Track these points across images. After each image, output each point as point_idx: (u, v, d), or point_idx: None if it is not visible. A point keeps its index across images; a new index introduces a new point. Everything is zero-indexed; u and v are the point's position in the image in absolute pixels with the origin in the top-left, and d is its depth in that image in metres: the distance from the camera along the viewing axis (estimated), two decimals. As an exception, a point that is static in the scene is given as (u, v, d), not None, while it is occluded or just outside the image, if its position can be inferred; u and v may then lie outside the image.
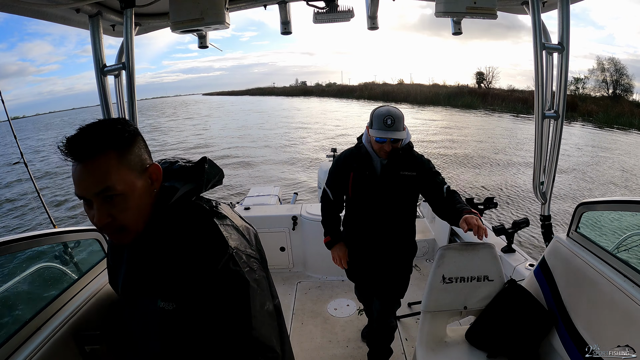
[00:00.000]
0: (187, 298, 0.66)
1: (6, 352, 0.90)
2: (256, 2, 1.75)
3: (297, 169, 11.40)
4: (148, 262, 0.71)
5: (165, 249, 0.69)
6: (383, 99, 42.55)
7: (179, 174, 0.77)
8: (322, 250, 2.87)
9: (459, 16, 1.59)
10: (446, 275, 1.40)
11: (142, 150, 0.69)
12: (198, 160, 0.79)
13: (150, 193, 0.69)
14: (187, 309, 0.66)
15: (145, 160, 0.69)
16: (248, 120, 30.12)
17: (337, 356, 2.01)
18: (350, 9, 1.76)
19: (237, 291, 0.67)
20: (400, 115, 1.47)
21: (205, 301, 0.66)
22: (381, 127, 1.44)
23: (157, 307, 0.67)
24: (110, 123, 0.64)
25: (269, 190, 3.91)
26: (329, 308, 2.42)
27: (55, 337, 0.99)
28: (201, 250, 0.68)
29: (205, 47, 1.76)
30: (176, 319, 0.67)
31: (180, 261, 0.68)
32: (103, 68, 1.53)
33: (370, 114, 1.51)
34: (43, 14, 1.40)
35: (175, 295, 0.67)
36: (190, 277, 0.66)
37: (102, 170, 0.61)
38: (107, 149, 0.62)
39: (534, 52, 1.55)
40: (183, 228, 0.70)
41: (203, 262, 0.67)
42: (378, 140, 1.47)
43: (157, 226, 0.70)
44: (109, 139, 0.62)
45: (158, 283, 0.69)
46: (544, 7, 1.66)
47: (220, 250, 0.68)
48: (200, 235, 0.70)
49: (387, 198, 1.55)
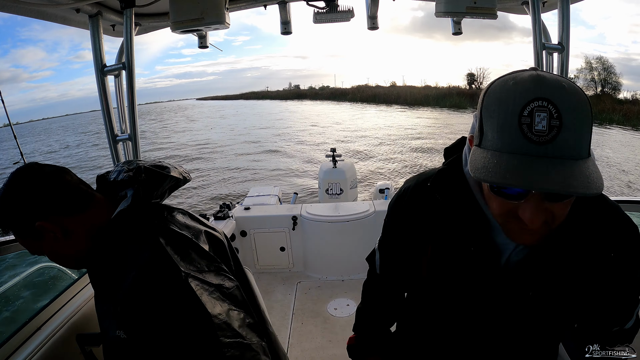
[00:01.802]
0: (138, 328, 0.60)
1: (6, 352, 0.90)
2: (256, 2, 1.74)
3: (297, 169, 11.40)
4: (97, 287, 0.70)
5: (107, 275, 0.66)
6: (374, 101, 43.73)
7: (132, 182, 0.72)
8: (322, 250, 2.89)
9: (459, 16, 1.59)
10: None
11: (28, 214, 0.65)
12: (134, 171, 0.72)
13: (59, 239, 0.67)
14: (138, 339, 0.60)
15: (33, 224, 0.65)
16: (248, 121, 30.35)
17: (337, 356, 2.01)
18: (350, 9, 1.76)
19: (195, 323, 0.60)
20: (581, 104, 0.46)
21: (160, 332, 0.59)
22: (517, 144, 0.45)
23: (115, 334, 0.61)
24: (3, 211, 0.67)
25: (269, 190, 3.91)
26: (329, 308, 2.42)
27: (55, 337, 0.99)
28: (148, 277, 0.61)
29: (206, 47, 1.76)
30: (127, 348, 0.60)
31: (125, 288, 0.61)
32: (103, 68, 1.53)
33: (484, 95, 0.51)
34: (43, 14, 1.40)
35: (124, 324, 0.60)
36: (138, 307, 0.60)
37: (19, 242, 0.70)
38: (8, 230, 0.68)
39: (534, 52, 1.56)
40: (123, 251, 0.65)
41: (151, 290, 0.61)
42: (508, 194, 0.51)
43: (99, 250, 0.68)
44: (2, 225, 0.68)
45: (112, 304, 0.63)
46: (544, 7, 1.66)
47: (171, 278, 0.62)
48: (146, 261, 0.63)
49: (519, 317, 0.65)
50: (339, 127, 22.47)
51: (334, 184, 3.93)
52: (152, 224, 0.69)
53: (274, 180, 10.04)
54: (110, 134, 1.58)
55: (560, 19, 1.57)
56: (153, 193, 0.72)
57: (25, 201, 0.66)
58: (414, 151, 13.91)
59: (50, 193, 0.67)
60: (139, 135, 1.61)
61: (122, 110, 1.65)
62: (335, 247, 2.73)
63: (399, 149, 14.37)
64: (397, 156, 13.05)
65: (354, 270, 2.73)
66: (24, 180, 0.67)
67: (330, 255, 2.75)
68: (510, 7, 1.75)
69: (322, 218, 2.69)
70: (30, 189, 0.66)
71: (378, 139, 16.79)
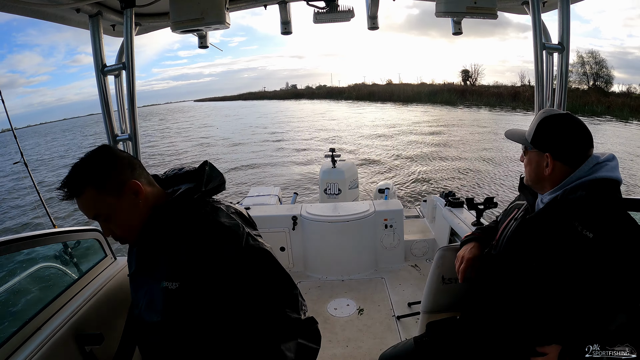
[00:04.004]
0: (197, 277, 0.77)
1: (6, 352, 0.90)
2: (256, 2, 1.74)
3: (297, 169, 11.40)
4: (153, 250, 0.83)
5: (170, 238, 0.80)
6: (369, 99, 44.86)
7: (185, 177, 0.90)
8: (322, 250, 2.88)
9: (459, 16, 1.59)
10: (446, 276, 1.39)
11: (120, 172, 0.79)
12: (201, 164, 0.89)
13: (136, 204, 0.79)
14: (194, 287, 0.77)
15: (124, 180, 0.79)
16: (247, 122, 30.45)
17: (337, 356, 2.01)
18: (350, 8, 1.76)
19: (265, 260, 0.81)
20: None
21: (231, 277, 0.77)
22: None
23: (161, 286, 0.78)
24: (87, 164, 0.77)
25: (269, 190, 3.91)
26: (329, 308, 2.42)
27: (55, 337, 0.99)
28: (219, 234, 0.79)
29: (206, 47, 1.76)
30: (179, 296, 0.77)
31: (190, 246, 0.78)
32: (103, 68, 1.53)
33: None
34: (43, 14, 1.40)
35: (180, 276, 0.78)
36: (204, 259, 0.77)
37: (88, 202, 0.77)
38: (86, 187, 0.75)
39: (534, 52, 1.55)
40: (187, 218, 0.81)
41: (223, 244, 0.78)
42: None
43: (157, 222, 0.81)
44: (86, 179, 0.76)
45: (163, 266, 0.80)
46: (544, 7, 1.66)
47: (238, 233, 0.80)
48: (213, 223, 0.80)
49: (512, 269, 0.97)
50: (338, 126, 22.47)
51: (333, 184, 3.93)
52: (208, 202, 0.85)
53: (274, 180, 10.05)
54: (110, 134, 1.58)
55: (560, 19, 1.57)
56: (211, 182, 0.86)
57: (124, 160, 0.80)
58: (406, 145, 13.98)
59: (138, 161, 0.85)
60: (139, 135, 1.61)
61: (122, 111, 1.65)
62: (335, 247, 2.73)
63: (395, 144, 14.46)
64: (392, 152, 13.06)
65: (354, 270, 2.73)
66: (117, 149, 0.85)
67: (330, 255, 2.75)
68: (510, 7, 1.75)
69: (322, 218, 2.69)
70: (125, 153, 0.84)
71: (375, 136, 16.82)
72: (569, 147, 0.90)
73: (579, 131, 0.90)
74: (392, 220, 2.75)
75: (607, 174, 0.86)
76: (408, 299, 2.37)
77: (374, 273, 2.75)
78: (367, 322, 2.22)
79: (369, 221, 2.71)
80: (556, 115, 0.93)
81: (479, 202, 2.19)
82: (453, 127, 19.74)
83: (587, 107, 23.90)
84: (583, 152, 0.89)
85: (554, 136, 0.91)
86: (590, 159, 0.89)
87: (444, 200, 2.75)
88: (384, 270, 2.76)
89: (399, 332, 2.15)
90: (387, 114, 29.71)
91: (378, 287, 2.57)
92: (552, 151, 0.90)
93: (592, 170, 0.88)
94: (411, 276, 2.68)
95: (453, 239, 2.69)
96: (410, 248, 2.89)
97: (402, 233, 2.80)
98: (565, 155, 0.90)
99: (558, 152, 0.90)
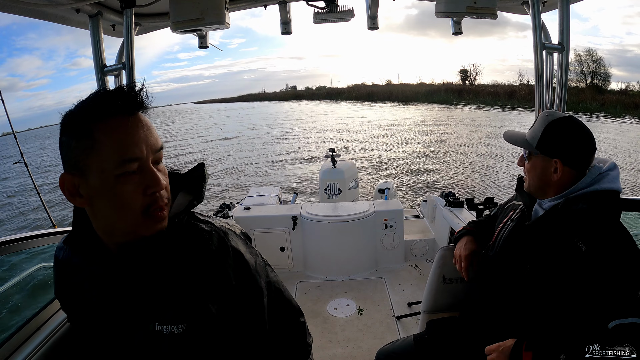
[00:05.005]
0: (202, 316, 0.61)
1: (6, 352, 0.90)
2: (256, 2, 1.75)
3: (297, 169, 11.40)
4: (150, 283, 0.61)
5: (171, 268, 0.61)
6: (368, 99, 45.28)
7: (176, 180, 0.65)
8: (322, 250, 2.88)
9: (459, 16, 1.59)
10: (446, 276, 1.39)
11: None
12: (196, 166, 0.69)
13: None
14: (200, 328, 0.61)
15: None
16: (247, 122, 30.52)
17: (337, 356, 2.01)
18: (350, 8, 1.76)
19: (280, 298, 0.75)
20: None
21: (229, 311, 0.63)
22: None
23: (162, 332, 0.60)
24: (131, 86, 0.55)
25: (269, 190, 3.90)
26: (328, 308, 2.42)
27: (55, 337, 0.99)
28: (219, 265, 0.63)
29: (206, 47, 1.76)
30: (186, 341, 0.60)
31: (194, 280, 0.61)
32: (103, 68, 1.53)
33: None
34: (43, 14, 1.40)
35: (185, 317, 0.60)
36: (207, 294, 0.61)
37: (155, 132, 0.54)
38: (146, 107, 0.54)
39: (534, 52, 1.56)
40: (190, 244, 0.63)
41: (222, 277, 0.63)
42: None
43: (161, 242, 0.60)
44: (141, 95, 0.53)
45: (162, 306, 0.60)
46: (544, 7, 1.66)
47: (241, 264, 0.67)
48: (215, 252, 0.63)
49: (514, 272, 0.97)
50: (338, 126, 22.48)
51: (332, 184, 3.93)
52: (210, 222, 0.68)
53: (274, 180, 10.05)
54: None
55: (560, 19, 1.57)
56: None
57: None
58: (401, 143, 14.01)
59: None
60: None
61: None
62: (335, 247, 2.73)
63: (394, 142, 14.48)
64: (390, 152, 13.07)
65: (354, 270, 2.73)
66: None
67: (330, 255, 2.75)
68: (510, 7, 1.75)
69: (322, 218, 2.69)
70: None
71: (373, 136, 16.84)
72: (578, 152, 0.89)
73: (586, 136, 0.89)
74: (392, 220, 2.75)
75: (609, 186, 0.86)
76: (408, 299, 2.36)
77: (374, 273, 2.75)
78: (367, 322, 2.22)
79: (369, 221, 2.71)
80: (562, 119, 0.91)
81: (478, 202, 2.19)
82: (450, 125, 20.10)
83: (581, 104, 24.12)
84: (590, 157, 0.89)
85: (564, 142, 0.90)
86: (593, 169, 0.89)
87: (444, 200, 2.75)
88: (384, 270, 2.76)
89: (399, 332, 2.15)
90: (386, 114, 29.96)
91: (378, 287, 2.57)
92: (562, 157, 0.89)
93: (594, 180, 0.88)
94: (411, 276, 2.68)
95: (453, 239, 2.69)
96: (410, 248, 2.89)
97: (402, 233, 2.80)
98: (575, 161, 0.89)
99: (568, 157, 0.89)
